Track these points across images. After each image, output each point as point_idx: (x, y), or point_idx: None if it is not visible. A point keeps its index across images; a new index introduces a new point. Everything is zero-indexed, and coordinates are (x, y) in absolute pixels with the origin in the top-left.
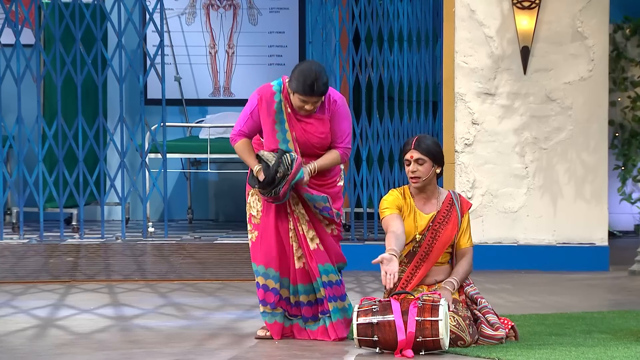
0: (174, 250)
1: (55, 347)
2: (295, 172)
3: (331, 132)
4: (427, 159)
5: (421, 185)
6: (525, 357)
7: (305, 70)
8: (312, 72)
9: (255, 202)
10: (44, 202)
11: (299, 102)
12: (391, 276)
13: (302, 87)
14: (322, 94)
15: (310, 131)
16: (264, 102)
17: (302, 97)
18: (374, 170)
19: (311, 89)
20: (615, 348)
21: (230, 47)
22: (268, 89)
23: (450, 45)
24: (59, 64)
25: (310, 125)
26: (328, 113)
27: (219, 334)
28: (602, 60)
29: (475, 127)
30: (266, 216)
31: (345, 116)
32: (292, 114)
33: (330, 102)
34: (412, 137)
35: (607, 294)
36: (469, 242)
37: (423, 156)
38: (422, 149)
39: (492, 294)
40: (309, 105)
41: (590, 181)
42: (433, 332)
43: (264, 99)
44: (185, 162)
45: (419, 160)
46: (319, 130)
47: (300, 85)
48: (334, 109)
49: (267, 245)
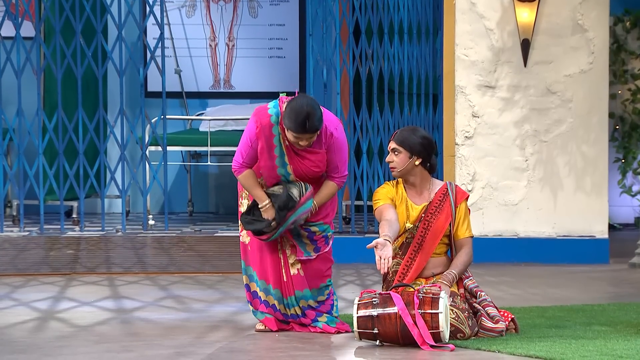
0: (174, 243)
1: (55, 340)
2: (306, 198)
3: (327, 162)
4: (402, 150)
5: (398, 174)
6: (526, 349)
7: (297, 107)
8: (303, 110)
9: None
10: (44, 194)
11: (292, 139)
12: (385, 261)
13: (294, 125)
14: (315, 130)
15: (307, 165)
16: (262, 133)
17: (295, 134)
18: (374, 163)
19: (303, 127)
20: (615, 340)
21: (231, 39)
22: (266, 118)
23: (450, 38)
24: (59, 57)
25: (307, 159)
26: (325, 146)
27: (219, 327)
28: (603, 53)
29: (476, 119)
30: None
31: (341, 147)
32: (290, 147)
33: (326, 136)
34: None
35: (608, 287)
36: (467, 232)
37: (398, 146)
38: (397, 139)
39: (493, 286)
40: (303, 141)
41: (590, 174)
42: (433, 324)
43: (263, 131)
44: (185, 155)
45: (394, 150)
46: (315, 164)
47: (292, 123)
48: (330, 141)
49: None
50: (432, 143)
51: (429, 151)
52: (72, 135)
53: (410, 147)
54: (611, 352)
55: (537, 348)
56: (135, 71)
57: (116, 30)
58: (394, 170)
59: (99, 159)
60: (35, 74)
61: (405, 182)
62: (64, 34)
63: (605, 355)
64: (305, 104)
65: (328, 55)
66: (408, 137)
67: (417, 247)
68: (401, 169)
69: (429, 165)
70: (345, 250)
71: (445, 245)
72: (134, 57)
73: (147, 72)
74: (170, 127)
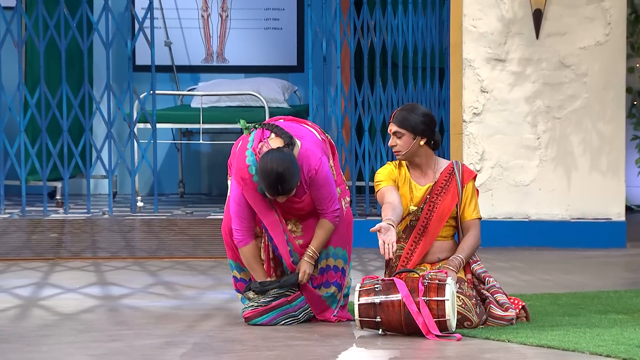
0: (165, 226)
1: (39, 329)
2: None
3: (314, 200)
4: (404, 132)
5: (403, 157)
6: (537, 339)
7: (267, 169)
8: (273, 172)
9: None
10: (26, 174)
11: (270, 197)
12: (389, 245)
13: (267, 189)
14: (289, 191)
15: (293, 208)
16: (246, 189)
17: (269, 197)
18: (377, 141)
19: (276, 190)
20: (632, 329)
21: (224, 10)
22: (246, 174)
23: (458, 8)
24: (41, 28)
25: (291, 206)
26: (307, 188)
27: (212, 315)
28: (620, 24)
29: (485, 95)
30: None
31: (323, 183)
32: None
33: (306, 181)
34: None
35: (624, 272)
36: (475, 213)
37: (400, 129)
38: (398, 121)
39: (502, 272)
40: (279, 199)
41: (606, 152)
42: (439, 312)
43: (245, 188)
44: (176, 133)
45: (396, 134)
46: (301, 207)
47: (265, 186)
48: (310, 182)
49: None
50: (434, 119)
51: (432, 128)
52: (56, 111)
53: (413, 128)
54: (628, 341)
55: (550, 337)
56: (122, 43)
57: (102, 0)
58: (399, 154)
59: (85, 137)
60: (16, 46)
61: (410, 163)
62: (47, 4)
63: (622, 344)
64: (276, 164)
65: (328, 27)
66: (408, 116)
67: (421, 230)
68: (406, 152)
69: (433, 142)
70: None
71: (451, 228)
72: (121, 29)
73: (136, 45)
74: (160, 103)
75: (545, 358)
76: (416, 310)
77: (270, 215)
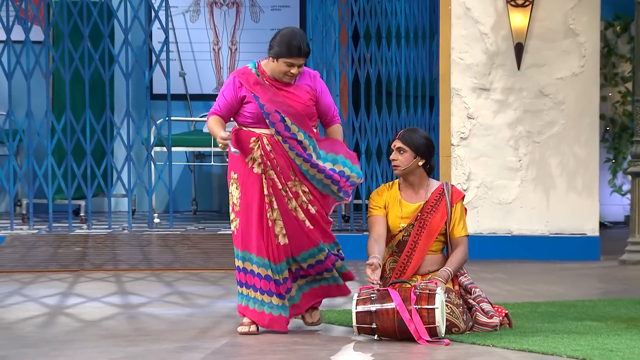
0: (179, 241)
1: (64, 335)
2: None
3: (322, 107)
4: (407, 149)
5: (400, 173)
6: (519, 344)
7: (289, 33)
8: (296, 34)
9: (234, 191)
10: (53, 193)
11: (284, 67)
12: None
13: (288, 50)
14: (308, 54)
15: (293, 98)
16: (241, 77)
17: (289, 60)
18: (373, 163)
19: (298, 50)
20: (606, 335)
21: (233, 43)
22: (243, 68)
23: (446, 42)
24: (67, 60)
25: (292, 93)
26: (310, 82)
27: (222, 322)
28: (594, 57)
29: (471, 121)
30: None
31: (327, 90)
32: (272, 84)
33: (311, 76)
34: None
35: (598, 283)
36: (463, 231)
37: (404, 146)
38: (404, 139)
39: (487, 282)
40: (295, 68)
41: (581, 174)
42: (430, 319)
43: (241, 75)
44: (189, 155)
45: (400, 149)
46: (301, 98)
47: (286, 48)
48: (318, 84)
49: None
50: (434, 145)
51: (432, 152)
52: (80, 136)
53: (416, 147)
54: (602, 346)
55: (530, 342)
56: (141, 74)
57: (122, 35)
58: (397, 168)
59: (106, 159)
60: (44, 76)
61: (404, 181)
62: (72, 38)
63: (596, 349)
64: (294, 28)
65: (328, 59)
66: (413, 136)
67: (413, 245)
68: (405, 168)
69: (428, 166)
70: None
71: (441, 243)
72: (139, 61)
73: (153, 75)
74: (174, 129)
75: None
76: (408, 317)
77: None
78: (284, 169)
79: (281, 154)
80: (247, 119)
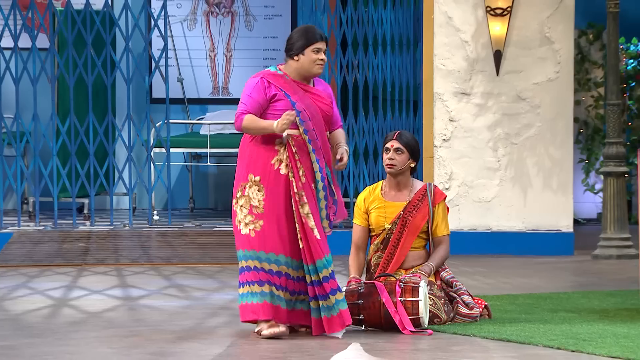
0: (177, 237)
1: (68, 325)
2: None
3: (335, 112)
4: (405, 151)
5: (395, 172)
6: (498, 333)
7: (301, 27)
8: (308, 25)
9: (255, 193)
10: (58, 192)
11: (313, 56)
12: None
13: (310, 37)
14: (327, 39)
15: (319, 100)
16: (268, 77)
17: (315, 45)
18: (360, 164)
19: (319, 34)
20: (579, 325)
21: (229, 50)
22: (265, 70)
23: (429, 49)
24: (71, 66)
25: (317, 95)
26: (325, 89)
27: (218, 313)
28: (568, 63)
29: (452, 124)
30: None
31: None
32: (297, 84)
33: (323, 84)
34: (395, 130)
35: (572, 276)
36: (445, 230)
37: (402, 147)
38: (402, 141)
39: (468, 276)
40: (322, 54)
41: (557, 173)
42: (414, 311)
43: (267, 75)
44: (187, 156)
45: (398, 150)
46: (325, 100)
47: (306, 37)
48: (330, 90)
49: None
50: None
51: (419, 154)
52: (83, 137)
53: (412, 150)
54: (575, 335)
55: (509, 332)
56: (141, 79)
57: (124, 42)
58: (394, 167)
59: (108, 160)
60: (49, 82)
61: (391, 181)
62: (76, 46)
63: (571, 338)
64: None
65: None
66: (410, 140)
67: (395, 243)
68: (400, 168)
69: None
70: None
71: (423, 240)
72: (139, 67)
73: (152, 80)
74: (173, 131)
75: (505, 350)
76: (394, 309)
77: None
78: (308, 170)
79: (307, 154)
80: (276, 118)
